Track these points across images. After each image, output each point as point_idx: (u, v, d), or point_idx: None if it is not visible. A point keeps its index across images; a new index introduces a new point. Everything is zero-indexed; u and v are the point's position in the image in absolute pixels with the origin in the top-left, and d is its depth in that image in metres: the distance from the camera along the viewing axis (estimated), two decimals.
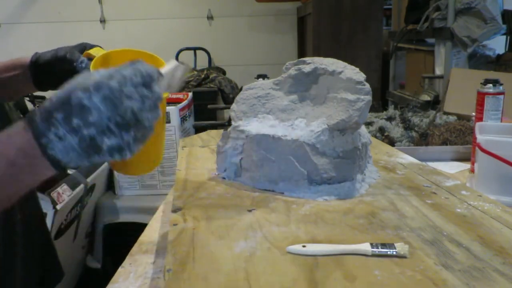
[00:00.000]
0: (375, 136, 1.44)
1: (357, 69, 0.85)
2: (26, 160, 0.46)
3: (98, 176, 1.84)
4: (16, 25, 3.74)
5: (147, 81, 0.48)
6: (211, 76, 2.82)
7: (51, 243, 0.89)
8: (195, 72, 2.84)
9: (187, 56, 3.46)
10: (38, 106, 0.57)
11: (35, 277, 0.81)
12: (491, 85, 1.15)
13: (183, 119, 1.90)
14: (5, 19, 3.74)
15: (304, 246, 0.62)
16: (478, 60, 2.24)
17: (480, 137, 1.00)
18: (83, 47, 0.78)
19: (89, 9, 3.79)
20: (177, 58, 3.40)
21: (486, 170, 1.00)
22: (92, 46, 0.78)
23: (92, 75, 0.47)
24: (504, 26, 2.05)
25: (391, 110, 1.73)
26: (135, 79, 0.47)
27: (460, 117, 1.61)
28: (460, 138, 1.42)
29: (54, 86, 0.80)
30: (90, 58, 0.73)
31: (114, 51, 0.69)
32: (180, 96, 2.09)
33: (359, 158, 0.86)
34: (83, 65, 0.75)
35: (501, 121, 1.17)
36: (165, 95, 0.61)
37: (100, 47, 0.77)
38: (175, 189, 0.88)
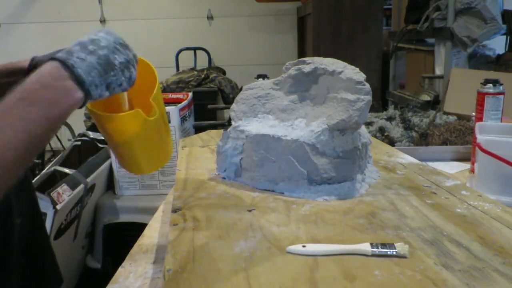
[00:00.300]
0: (375, 136, 1.44)
1: (357, 69, 0.85)
2: (57, 82, 0.53)
3: (98, 176, 1.84)
4: (16, 25, 3.74)
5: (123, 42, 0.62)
6: (211, 76, 2.82)
7: (50, 248, 0.88)
8: (195, 72, 2.84)
9: (187, 56, 3.45)
10: None
11: (33, 284, 0.81)
12: (491, 85, 1.15)
13: (183, 119, 1.90)
14: (5, 19, 3.74)
15: (304, 246, 0.62)
16: (478, 60, 2.24)
17: (480, 137, 1.00)
18: None
19: (89, 9, 3.79)
20: (177, 58, 3.41)
21: (486, 170, 1.00)
22: None
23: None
24: (504, 26, 2.05)
25: (391, 110, 1.73)
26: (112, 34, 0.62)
27: (460, 117, 1.61)
28: (460, 138, 1.42)
29: None
30: None
31: None
32: (180, 96, 2.09)
33: (359, 158, 0.86)
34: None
35: (501, 121, 1.17)
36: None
37: None
38: (175, 189, 0.88)
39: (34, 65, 0.79)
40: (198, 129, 2.00)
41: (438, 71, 2.22)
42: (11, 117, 0.50)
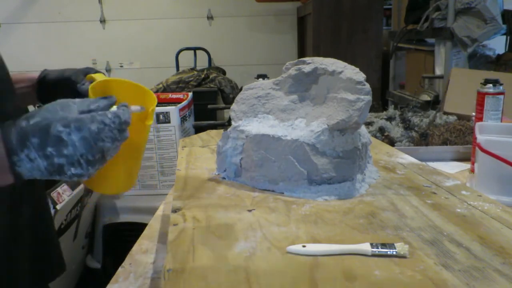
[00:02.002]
0: (375, 136, 1.44)
1: (357, 69, 0.85)
2: None
3: None
4: (16, 25, 3.74)
5: (123, 128, 0.53)
6: (211, 76, 2.82)
7: (55, 237, 0.90)
8: (195, 72, 2.84)
9: (187, 56, 3.45)
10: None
11: (39, 270, 0.82)
12: (491, 85, 1.15)
13: (183, 119, 1.90)
14: (5, 19, 3.74)
15: (304, 246, 0.62)
16: (478, 60, 2.24)
17: (480, 137, 1.00)
18: (87, 71, 0.83)
19: (89, 9, 3.79)
20: (177, 58, 3.41)
21: (486, 170, 1.00)
22: (96, 72, 0.83)
23: (74, 109, 0.52)
24: (504, 26, 2.04)
25: (391, 110, 1.73)
26: (113, 126, 0.51)
27: (460, 117, 1.61)
28: (460, 138, 1.42)
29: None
30: (91, 82, 0.77)
31: (113, 80, 0.73)
32: (180, 96, 2.09)
33: (359, 158, 0.86)
34: (85, 87, 0.79)
35: (501, 121, 1.17)
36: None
37: (103, 73, 0.81)
38: (175, 189, 0.88)
39: (44, 77, 0.83)
40: (198, 129, 2.00)
41: (438, 71, 2.22)
42: None
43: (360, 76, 0.83)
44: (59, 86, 0.83)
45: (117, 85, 0.72)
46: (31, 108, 0.98)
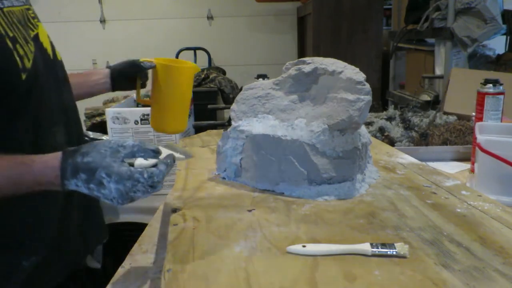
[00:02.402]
0: (375, 136, 1.44)
1: (357, 69, 0.85)
2: (50, 185, 0.62)
3: None
4: None
5: (154, 185, 0.61)
6: (211, 76, 2.82)
7: (100, 208, 1.02)
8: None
9: (187, 56, 3.45)
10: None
11: (87, 236, 0.91)
12: (491, 85, 1.15)
13: None
14: None
15: (304, 246, 0.62)
16: (478, 60, 2.24)
17: (480, 137, 1.00)
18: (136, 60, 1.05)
19: (89, 9, 3.78)
20: (177, 58, 3.41)
21: (486, 170, 1.00)
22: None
23: (120, 156, 0.61)
24: (504, 26, 2.04)
25: (391, 110, 1.72)
26: (145, 183, 0.60)
27: (460, 117, 1.61)
28: (460, 138, 1.42)
29: (124, 88, 1.07)
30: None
31: (171, 64, 0.98)
32: None
33: (359, 158, 0.86)
34: (147, 65, 1.00)
35: (501, 121, 1.17)
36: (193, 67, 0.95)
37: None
38: (175, 189, 0.89)
39: (113, 68, 1.05)
40: (198, 129, 1.99)
41: (438, 71, 2.22)
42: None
43: (360, 76, 0.83)
44: (126, 71, 1.04)
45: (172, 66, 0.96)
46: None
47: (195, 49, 3.49)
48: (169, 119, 0.97)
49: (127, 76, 1.04)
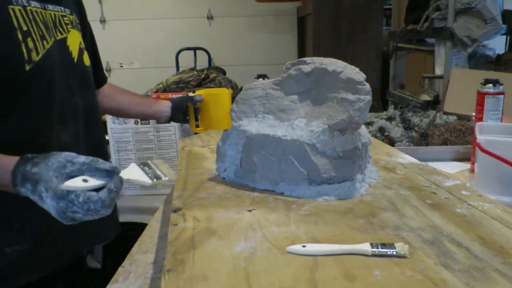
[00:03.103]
0: (375, 136, 1.44)
1: (357, 69, 0.85)
2: (7, 189, 0.64)
3: None
4: None
5: (95, 211, 0.59)
6: (211, 76, 2.82)
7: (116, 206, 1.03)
8: (195, 72, 2.83)
9: (187, 56, 3.45)
10: None
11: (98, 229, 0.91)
12: (491, 85, 1.15)
13: None
14: None
15: (304, 246, 0.62)
16: (478, 60, 2.24)
17: (480, 137, 1.00)
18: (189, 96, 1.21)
19: (89, 9, 3.72)
20: (177, 58, 3.41)
21: (486, 170, 1.00)
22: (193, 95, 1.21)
23: (64, 171, 0.59)
24: (504, 26, 2.04)
25: (391, 110, 1.73)
26: (80, 207, 0.58)
27: (460, 117, 1.61)
28: (460, 138, 1.42)
29: (178, 120, 1.22)
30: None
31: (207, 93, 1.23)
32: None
33: (359, 158, 0.86)
34: (198, 98, 1.19)
35: (501, 121, 1.17)
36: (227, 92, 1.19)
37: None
38: (175, 189, 0.88)
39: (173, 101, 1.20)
40: None
41: (438, 71, 2.22)
42: None
43: (360, 76, 0.83)
44: (182, 105, 1.19)
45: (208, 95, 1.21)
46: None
47: (195, 49, 3.49)
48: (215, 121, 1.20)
49: (184, 109, 1.19)
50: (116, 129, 1.70)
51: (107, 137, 1.92)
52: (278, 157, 0.84)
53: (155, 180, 0.64)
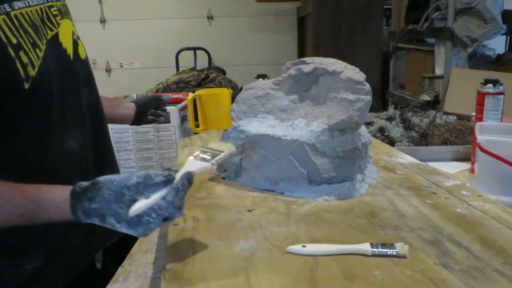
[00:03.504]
0: (375, 136, 1.44)
1: (357, 69, 0.85)
2: (60, 216, 0.62)
3: None
4: None
5: (170, 217, 0.58)
6: (211, 76, 2.82)
7: None
8: (195, 72, 2.84)
9: (187, 56, 3.45)
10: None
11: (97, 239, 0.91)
12: (491, 85, 1.15)
13: (183, 119, 1.90)
14: None
15: (304, 246, 0.62)
16: (478, 60, 2.24)
17: (480, 137, 1.00)
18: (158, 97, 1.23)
19: (89, 9, 3.78)
20: (177, 58, 3.41)
21: (486, 170, 1.00)
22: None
23: (126, 200, 0.58)
24: (504, 26, 2.04)
25: (391, 110, 1.72)
26: (157, 221, 0.58)
27: (460, 117, 1.61)
28: (460, 138, 1.42)
29: (141, 123, 1.17)
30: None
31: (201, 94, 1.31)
32: (180, 96, 2.09)
33: (359, 158, 0.86)
34: (165, 98, 1.21)
35: (501, 121, 1.17)
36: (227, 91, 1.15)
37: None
38: None
39: (137, 102, 1.16)
40: None
41: (438, 71, 2.22)
42: (10, 212, 0.62)
43: (360, 76, 0.83)
44: (148, 105, 1.17)
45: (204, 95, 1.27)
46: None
47: (195, 49, 3.50)
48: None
49: (148, 110, 1.16)
50: (116, 129, 1.70)
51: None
52: (278, 157, 0.84)
53: (214, 160, 0.65)
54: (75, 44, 0.82)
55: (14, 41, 0.65)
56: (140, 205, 0.56)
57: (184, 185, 0.58)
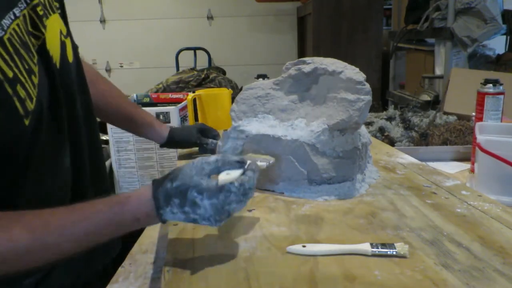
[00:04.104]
0: (375, 136, 1.44)
1: (357, 69, 0.85)
2: (146, 218, 0.60)
3: None
4: None
5: (247, 193, 0.60)
6: (211, 76, 2.82)
7: None
8: (195, 72, 2.84)
9: (187, 56, 3.45)
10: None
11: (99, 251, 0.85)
12: (491, 85, 1.15)
13: (183, 119, 1.90)
14: None
15: (304, 246, 0.62)
16: (478, 60, 2.24)
17: (480, 137, 1.00)
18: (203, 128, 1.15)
19: (89, 9, 3.78)
20: (177, 58, 3.41)
21: (486, 170, 1.00)
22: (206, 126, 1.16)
23: (206, 173, 0.61)
24: (504, 26, 2.04)
25: (391, 110, 1.73)
26: (238, 193, 0.59)
27: (460, 117, 1.61)
28: (460, 138, 1.42)
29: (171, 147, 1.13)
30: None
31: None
32: (180, 96, 2.09)
33: (359, 158, 0.86)
34: (212, 145, 1.10)
35: (501, 121, 1.17)
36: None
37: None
38: None
39: (171, 136, 1.08)
40: None
41: (438, 71, 2.22)
42: (91, 228, 0.58)
43: (360, 76, 0.83)
44: (184, 144, 1.13)
45: None
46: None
47: (195, 49, 3.50)
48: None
49: (182, 146, 1.14)
50: (116, 129, 1.70)
51: (107, 137, 1.92)
52: (278, 157, 0.84)
53: (269, 163, 0.74)
54: (63, 46, 0.70)
55: (10, 75, 0.55)
56: (225, 176, 0.60)
57: (256, 168, 0.63)
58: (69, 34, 0.75)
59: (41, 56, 0.63)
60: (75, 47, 0.77)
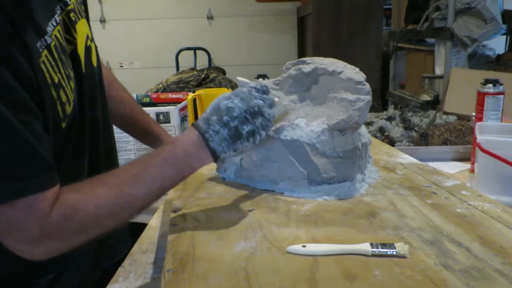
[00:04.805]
0: (375, 136, 1.44)
1: (357, 69, 0.85)
2: (196, 150, 0.66)
3: None
4: None
5: (265, 89, 0.72)
6: (211, 76, 2.82)
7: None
8: (195, 72, 2.83)
9: (187, 56, 3.45)
10: None
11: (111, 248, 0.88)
12: (491, 85, 1.15)
13: (183, 119, 1.90)
14: None
15: (304, 246, 0.62)
16: (478, 60, 2.24)
17: (480, 137, 1.00)
18: None
19: (89, 9, 3.78)
20: (177, 58, 3.41)
21: (486, 170, 1.00)
22: None
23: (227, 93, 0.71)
24: (504, 26, 2.04)
25: (391, 110, 1.72)
26: (257, 88, 0.71)
27: (460, 117, 1.61)
28: (460, 138, 1.42)
29: None
30: None
31: None
32: (180, 96, 2.08)
33: (359, 158, 0.86)
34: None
35: (501, 121, 1.17)
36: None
37: None
38: (175, 189, 0.88)
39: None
40: None
41: (438, 71, 2.22)
42: (155, 171, 0.63)
43: (360, 76, 0.83)
44: None
45: None
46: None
47: (195, 49, 3.50)
48: None
49: None
50: (116, 129, 1.70)
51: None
52: (278, 157, 0.84)
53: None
54: (87, 51, 0.72)
55: (56, 80, 0.58)
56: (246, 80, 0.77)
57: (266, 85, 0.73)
58: (93, 38, 0.77)
59: (73, 61, 0.66)
60: (97, 52, 0.78)
